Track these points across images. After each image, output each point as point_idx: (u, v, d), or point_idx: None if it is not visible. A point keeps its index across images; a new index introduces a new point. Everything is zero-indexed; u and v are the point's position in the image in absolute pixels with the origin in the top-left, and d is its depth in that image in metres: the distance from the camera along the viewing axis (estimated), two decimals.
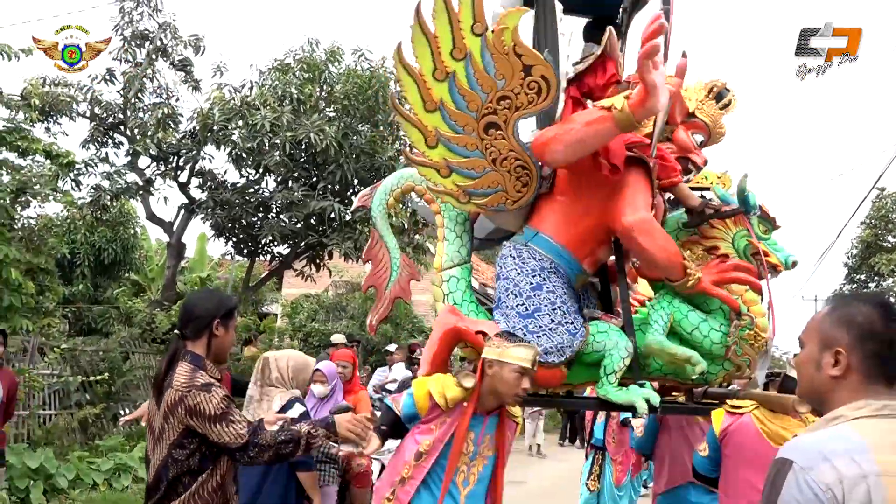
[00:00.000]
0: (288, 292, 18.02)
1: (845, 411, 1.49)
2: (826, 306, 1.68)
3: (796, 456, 1.43)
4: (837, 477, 1.35)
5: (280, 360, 3.92)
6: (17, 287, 7.45)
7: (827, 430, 1.48)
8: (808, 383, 1.63)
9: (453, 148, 2.93)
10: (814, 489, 1.36)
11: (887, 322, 1.54)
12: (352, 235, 10.08)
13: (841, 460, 1.36)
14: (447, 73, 2.79)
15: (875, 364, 1.52)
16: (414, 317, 16.16)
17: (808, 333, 1.64)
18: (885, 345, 1.53)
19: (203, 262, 17.93)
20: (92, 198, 10.51)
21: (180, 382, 2.64)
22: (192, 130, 10.51)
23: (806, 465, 1.39)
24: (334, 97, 10.35)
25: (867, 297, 1.63)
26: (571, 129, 2.84)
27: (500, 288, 3.13)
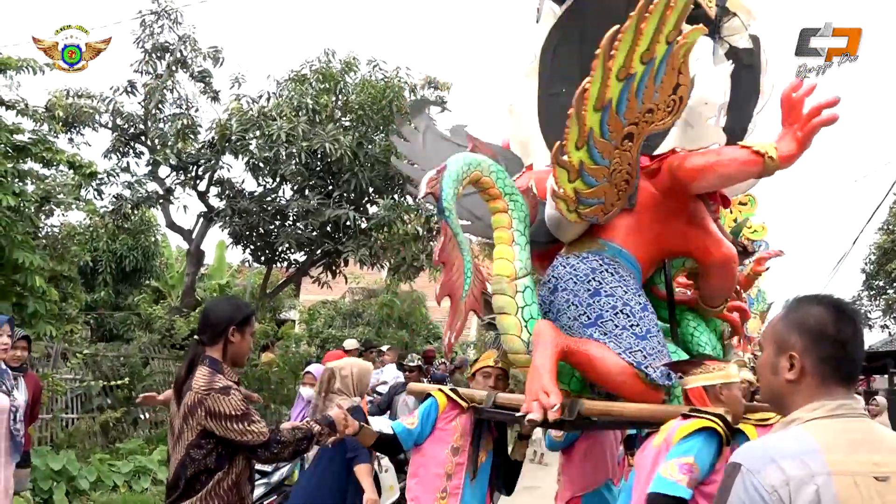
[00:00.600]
0: (305, 299, 18.21)
1: (800, 413, 1.49)
2: (782, 309, 1.67)
3: (745, 459, 1.44)
4: (783, 478, 1.36)
5: (343, 370, 4.12)
6: (41, 294, 7.65)
7: (780, 434, 1.50)
8: (767, 388, 1.64)
9: (594, 153, 2.75)
10: (759, 491, 1.37)
11: (839, 324, 1.53)
12: (367, 242, 10.22)
13: (788, 462, 1.37)
14: (629, 74, 2.62)
15: (829, 367, 1.51)
16: (430, 323, 16.29)
17: (765, 337, 1.65)
18: (837, 347, 1.51)
19: (222, 270, 18.17)
20: (114, 206, 10.74)
21: (199, 386, 2.77)
22: (211, 140, 10.70)
23: (753, 468, 1.40)
24: (349, 107, 10.51)
25: (820, 299, 1.61)
26: (726, 162, 2.85)
27: (603, 304, 2.90)
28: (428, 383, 7.72)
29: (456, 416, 3.21)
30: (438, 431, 3.21)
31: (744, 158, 2.81)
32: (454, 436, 3.18)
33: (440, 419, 3.22)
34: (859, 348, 1.56)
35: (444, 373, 8.30)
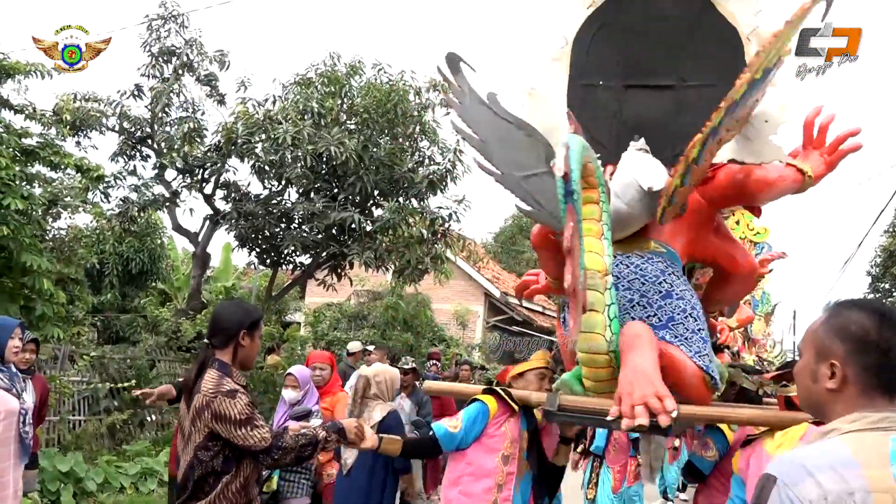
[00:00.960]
0: (311, 301, 18.25)
1: (839, 424, 1.43)
2: (822, 314, 1.59)
3: (780, 471, 1.38)
4: (821, 493, 1.30)
5: (378, 376, 4.34)
6: (49, 297, 7.69)
7: (816, 445, 1.44)
8: (805, 395, 1.57)
9: (686, 179, 2.77)
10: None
11: (883, 330, 1.45)
12: (372, 245, 10.24)
13: (825, 475, 1.31)
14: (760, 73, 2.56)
15: (872, 375, 1.44)
16: (435, 325, 16.31)
17: (805, 343, 1.58)
18: (881, 355, 1.44)
19: (228, 272, 18.23)
20: (120, 209, 10.79)
21: (207, 388, 2.81)
22: (217, 144, 10.74)
23: (789, 481, 1.34)
24: (355, 110, 10.54)
25: (863, 304, 1.54)
26: (784, 178, 2.91)
27: (674, 307, 2.90)
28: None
29: (505, 422, 3.10)
30: (486, 438, 3.08)
31: (794, 176, 2.89)
32: (504, 443, 3.07)
33: (490, 425, 3.09)
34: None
35: (436, 374, 8.20)
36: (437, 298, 16.77)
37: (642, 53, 3.16)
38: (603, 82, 3.18)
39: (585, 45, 3.23)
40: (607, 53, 3.19)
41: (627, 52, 3.15)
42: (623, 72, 3.17)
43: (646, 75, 3.16)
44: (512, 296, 19.47)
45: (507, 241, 30.53)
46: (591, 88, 3.21)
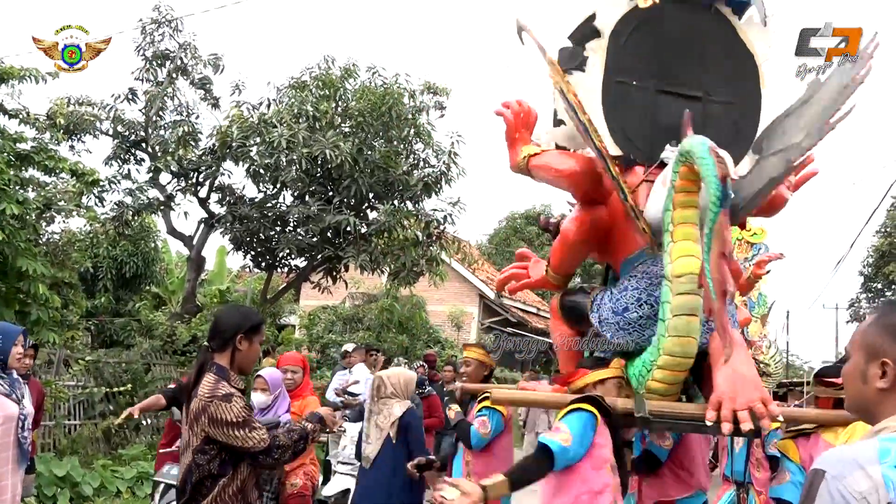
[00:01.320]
0: (305, 304, 18.25)
1: (891, 422, 1.42)
2: (872, 314, 1.58)
3: (829, 465, 1.36)
4: (872, 485, 1.29)
5: (392, 377, 4.58)
6: (44, 302, 7.69)
7: (865, 441, 1.42)
8: (855, 396, 1.55)
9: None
10: (846, 498, 1.30)
11: None
12: (367, 248, 10.26)
13: (876, 468, 1.30)
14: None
15: None
16: (430, 327, 16.34)
17: (854, 344, 1.56)
18: None
19: (222, 275, 18.20)
20: (115, 213, 10.78)
21: (203, 393, 2.83)
22: (212, 147, 10.75)
23: (838, 474, 1.32)
24: (349, 113, 10.56)
25: None
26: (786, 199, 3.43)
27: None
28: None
29: (604, 431, 2.91)
30: (595, 450, 2.85)
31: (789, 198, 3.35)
32: (609, 454, 2.88)
33: (597, 435, 2.86)
34: None
35: (422, 375, 8.06)
36: (431, 300, 16.80)
37: (673, 61, 3.23)
38: (637, 83, 3.21)
39: (622, 42, 3.22)
40: (642, 54, 3.22)
41: (660, 58, 3.22)
42: (656, 75, 3.22)
43: (676, 83, 3.23)
44: (507, 297, 19.52)
45: (502, 243, 30.59)
46: (625, 86, 3.21)
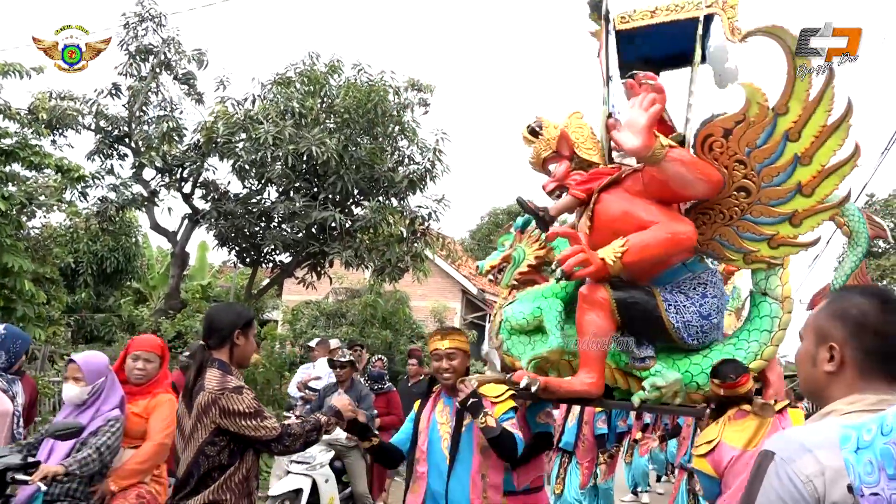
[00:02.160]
0: (288, 299, 18.25)
1: (838, 406, 1.45)
2: (825, 300, 1.61)
3: (779, 447, 1.38)
4: (819, 468, 1.30)
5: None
6: (29, 298, 7.68)
7: (814, 425, 1.44)
8: (805, 379, 1.58)
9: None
10: (794, 480, 1.31)
11: (883, 315, 1.46)
12: (352, 244, 10.31)
13: (824, 452, 1.31)
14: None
15: (870, 359, 1.46)
16: (413, 322, 16.41)
17: (806, 328, 1.60)
18: (880, 338, 1.45)
19: (203, 271, 18.17)
20: (98, 209, 10.72)
21: (212, 386, 2.92)
22: (197, 143, 10.72)
23: (787, 457, 1.34)
24: (335, 110, 10.59)
25: (864, 289, 1.56)
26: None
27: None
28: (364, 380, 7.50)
29: None
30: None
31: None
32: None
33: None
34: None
35: (380, 370, 7.74)
36: (414, 296, 16.88)
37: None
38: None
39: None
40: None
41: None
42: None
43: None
44: (489, 292, 19.66)
45: (484, 239, 30.76)
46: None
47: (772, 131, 3.20)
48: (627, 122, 3.25)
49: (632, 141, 3.17)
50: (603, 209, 3.59)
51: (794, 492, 1.31)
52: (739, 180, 3.34)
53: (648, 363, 3.49)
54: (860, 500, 1.22)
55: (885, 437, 1.23)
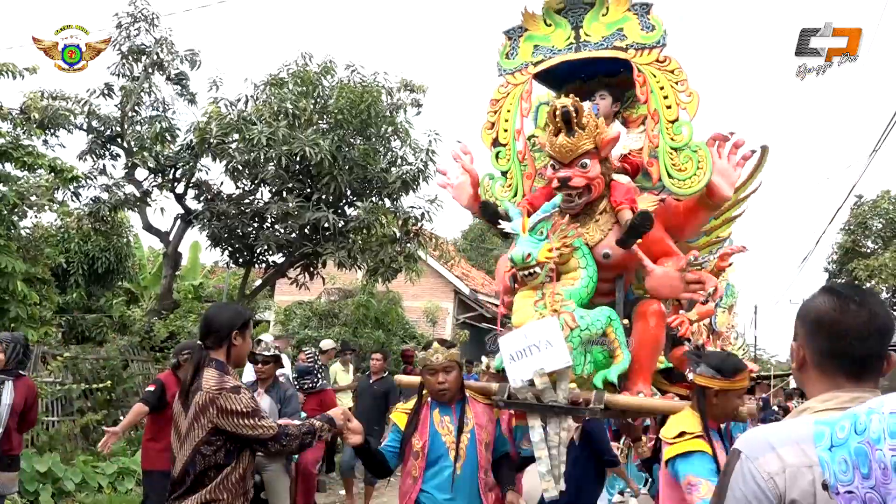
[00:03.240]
0: (280, 299, 18.23)
1: (813, 403, 1.46)
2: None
3: (745, 446, 1.40)
4: (781, 465, 1.32)
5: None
6: (22, 298, 7.66)
7: (786, 422, 1.47)
8: (792, 374, 1.72)
9: None
10: (756, 478, 1.34)
11: (838, 314, 1.46)
12: (345, 245, 10.33)
13: (787, 449, 1.33)
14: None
15: (826, 358, 1.47)
16: (406, 322, 16.44)
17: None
18: (835, 338, 1.46)
19: (196, 271, 18.10)
20: (91, 209, 10.70)
21: (210, 386, 2.95)
22: (189, 143, 10.72)
23: (752, 455, 1.37)
24: (328, 111, 10.61)
25: (831, 288, 1.54)
26: None
27: None
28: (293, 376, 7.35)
29: None
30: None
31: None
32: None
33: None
34: (868, 339, 1.46)
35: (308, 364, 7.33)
36: (407, 296, 16.90)
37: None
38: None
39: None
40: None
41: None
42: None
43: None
44: (482, 292, 19.70)
45: (476, 239, 30.79)
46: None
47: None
48: (722, 170, 3.33)
49: (727, 190, 3.37)
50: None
51: (756, 490, 1.33)
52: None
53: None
54: (836, 497, 1.24)
55: (858, 435, 1.25)
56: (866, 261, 20.83)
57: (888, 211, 22.20)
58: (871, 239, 22.62)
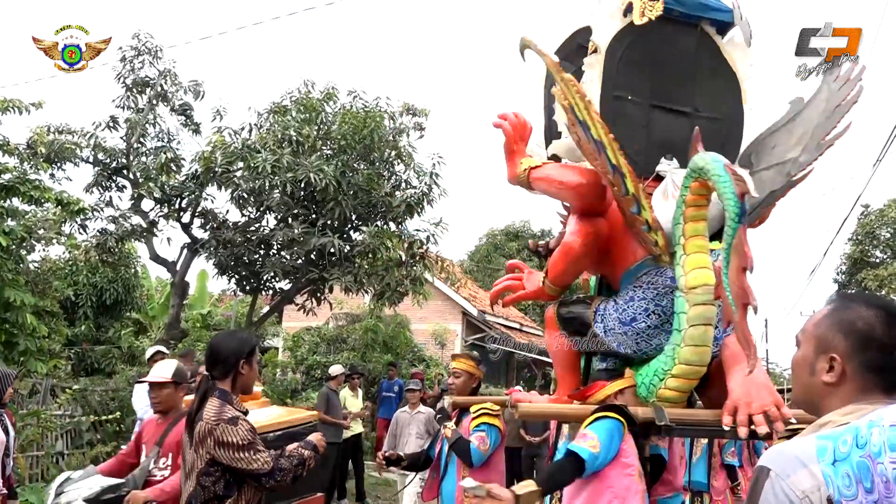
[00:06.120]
0: (288, 325, 18.23)
1: (834, 416, 1.41)
2: (826, 305, 1.55)
3: (774, 463, 1.35)
4: (815, 483, 1.27)
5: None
6: (31, 331, 7.69)
7: (810, 437, 1.39)
8: (800, 387, 1.54)
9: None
10: (789, 496, 1.28)
11: (888, 329, 1.42)
12: (351, 269, 10.34)
13: (818, 466, 1.28)
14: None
15: (872, 373, 1.42)
16: (414, 346, 16.40)
17: (805, 334, 1.54)
18: (885, 353, 1.41)
19: (203, 299, 18.16)
20: (98, 241, 10.75)
21: (209, 416, 2.93)
22: (195, 173, 10.79)
23: (782, 472, 1.31)
24: (331, 137, 10.68)
25: (869, 300, 1.49)
26: None
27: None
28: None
29: (629, 438, 2.96)
30: (622, 457, 2.88)
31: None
32: (636, 460, 2.92)
33: (623, 442, 2.90)
34: None
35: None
36: (415, 319, 16.87)
37: (664, 78, 3.35)
38: (632, 97, 3.31)
39: (616, 57, 3.30)
40: (635, 70, 3.33)
41: (652, 74, 3.34)
42: (649, 90, 3.34)
43: (667, 99, 3.36)
44: (490, 313, 19.63)
45: (483, 260, 30.78)
46: (621, 101, 3.30)
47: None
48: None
49: (507, 174, 3.33)
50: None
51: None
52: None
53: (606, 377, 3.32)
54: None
55: (860, 449, 1.24)
56: (875, 271, 20.71)
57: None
58: (879, 248, 22.53)
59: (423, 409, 8.21)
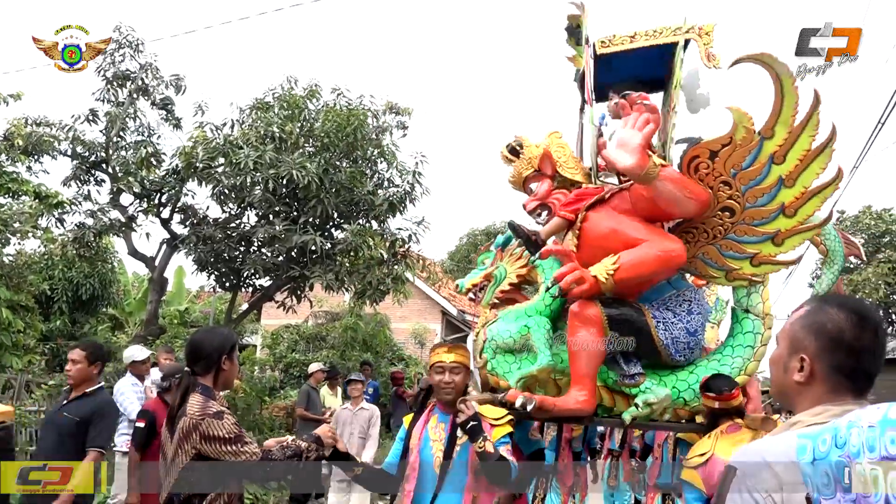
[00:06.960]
0: (267, 323, 18.13)
1: (803, 417, 1.45)
2: (804, 306, 1.60)
3: (741, 462, 1.40)
4: (777, 483, 1.31)
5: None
6: (6, 326, 7.58)
7: (778, 436, 1.44)
8: (776, 384, 1.59)
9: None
10: (753, 496, 1.33)
11: (858, 331, 1.46)
12: (333, 267, 10.30)
13: (783, 466, 1.32)
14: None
15: (840, 375, 1.46)
16: (394, 344, 16.39)
17: (782, 333, 1.60)
18: (853, 356, 1.46)
19: (181, 296, 18.02)
20: (76, 235, 10.60)
21: (194, 411, 2.92)
22: (175, 168, 10.69)
23: (748, 472, 1.36)
24: (314, 134, 10.63)
25: (844, 303, 1.53)
26: None
27: None
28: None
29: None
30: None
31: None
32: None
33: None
34: (877, 359, 1.48)
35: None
36: (395, 318, 16.87)
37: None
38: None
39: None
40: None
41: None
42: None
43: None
44: (469, 313, 19.68)
45: (463, 260, 30.84)
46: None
47: (757, 154, 3.19)
48: (620, 140, 3.23)
49: (626, 160, 3.16)
50: (590, 227, 3.62)
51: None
52: (724, 201, 3.34)
53: (638, 380, 3.51)
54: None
55: (839, 449, 1.26)
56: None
57: (870, 226, 22.45)
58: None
59: (366, 405, 7.94)
